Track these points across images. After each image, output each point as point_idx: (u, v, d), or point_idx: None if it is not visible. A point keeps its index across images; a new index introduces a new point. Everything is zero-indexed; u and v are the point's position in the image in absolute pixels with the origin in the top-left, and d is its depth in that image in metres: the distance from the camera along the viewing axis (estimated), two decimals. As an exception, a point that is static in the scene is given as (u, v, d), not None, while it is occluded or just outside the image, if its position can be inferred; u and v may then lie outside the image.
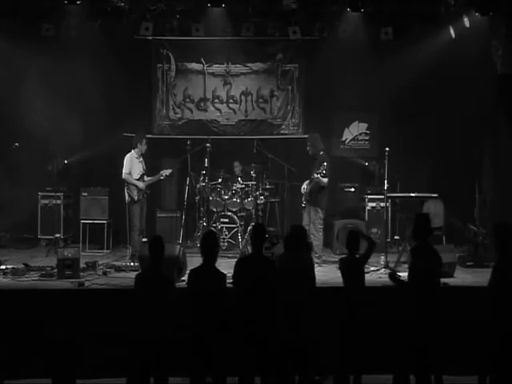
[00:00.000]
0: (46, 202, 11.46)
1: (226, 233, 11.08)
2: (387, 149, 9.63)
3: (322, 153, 9.86)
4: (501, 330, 5.96)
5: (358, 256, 6.67)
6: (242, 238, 10.99)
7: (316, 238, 9.58)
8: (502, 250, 6.10)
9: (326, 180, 9.56)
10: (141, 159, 10.05)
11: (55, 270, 8.65)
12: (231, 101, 12.34)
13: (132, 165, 9.93)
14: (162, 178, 10.24)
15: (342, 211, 11.52)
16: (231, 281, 6.43)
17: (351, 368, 6.41)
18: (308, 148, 9.93)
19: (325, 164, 9.49)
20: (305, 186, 9.87)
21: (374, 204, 11.45)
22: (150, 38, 11.48)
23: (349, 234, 6.82)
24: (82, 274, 8.68)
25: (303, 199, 9.90)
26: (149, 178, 10.09)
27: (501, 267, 6.10)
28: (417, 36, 11.00)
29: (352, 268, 6.59)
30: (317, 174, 9.51)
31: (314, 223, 9.59)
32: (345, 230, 10.17)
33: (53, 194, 11.37)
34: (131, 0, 10.65)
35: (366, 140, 12.44)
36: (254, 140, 11.58)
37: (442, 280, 8.38)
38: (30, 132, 11.20)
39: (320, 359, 6.46)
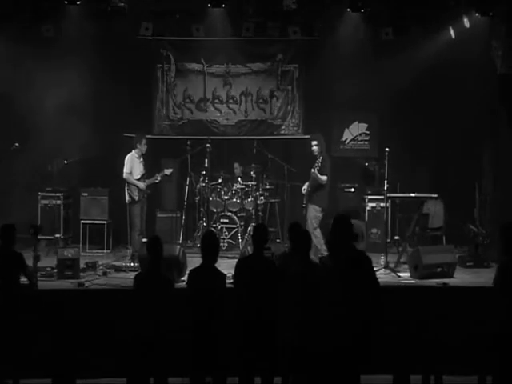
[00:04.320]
0: (46, 202, 11.43)
1: (226, 233, 11.09)
2: (387, 149, 9.63)
3: (322, 151, 9.84)
4: (504, 330, 5.95)
5: None
6: (242, 239, 11.00)
7: (313, 235, 9.44)
8: (508, 252, 6.09)
9: (324, 178, 9.33)
10: (141, 159, 10.05)
11: (55, 270, 8.66)
12: (231, 101, 12.33)
13: (133, 165, 9.92)
14: (158, 179, 10.19)
15: (342, 211, 11.49)
16: (231, 281, 6.43)
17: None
18: (315, 148, 9.52)
19: (321, 158, 9.34)
20: (305, 187, 9.85)
21: (373, 204, 11.45)
22: (150, 38, 11.46)
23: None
24: (81, 274, 8.70)
25: (304, 200, 9.87)
26: (149, 180, 10.08)
27: (507, 268, 6.08)
28: (417, 36, 11.00)
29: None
30: (313, 168, 9.32)
31: (310, 220, 9.35)
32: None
33: (53, 194, 11.34)
34: (131, 0, 10.65)
35: (366, 140, 12.43)
36: (253, 140, 11.60)
37: (442, 280, 8.49)
38: (31, 132, 11.20)
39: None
